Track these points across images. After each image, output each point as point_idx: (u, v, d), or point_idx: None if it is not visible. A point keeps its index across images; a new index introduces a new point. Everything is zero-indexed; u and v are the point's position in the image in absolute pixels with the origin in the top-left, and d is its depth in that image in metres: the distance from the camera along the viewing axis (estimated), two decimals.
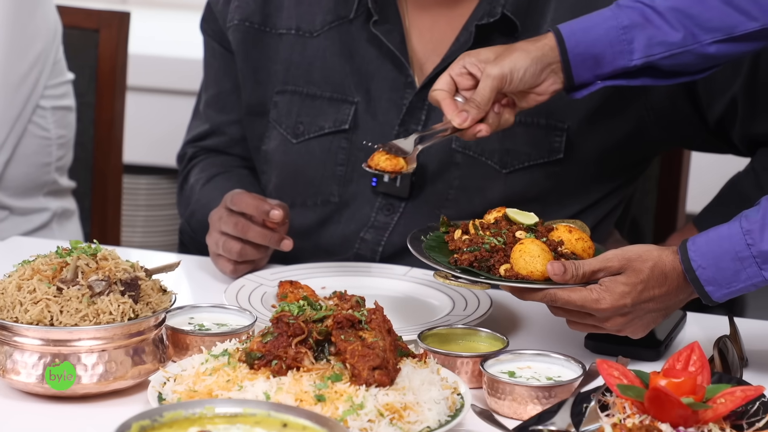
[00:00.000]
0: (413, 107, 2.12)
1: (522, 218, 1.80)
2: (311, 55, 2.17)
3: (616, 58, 1.85)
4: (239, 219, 2.01)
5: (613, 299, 1.68)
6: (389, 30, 2.12)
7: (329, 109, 2.16)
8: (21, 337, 1.63)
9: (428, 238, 1.84)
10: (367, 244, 2.13)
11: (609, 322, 1.70)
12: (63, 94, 2.51)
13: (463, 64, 1.87)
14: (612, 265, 1.69)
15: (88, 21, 2.67)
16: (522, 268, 1.71)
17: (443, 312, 1.91)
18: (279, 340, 1.58)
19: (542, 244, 1.73)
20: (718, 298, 1.68)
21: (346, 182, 2.15)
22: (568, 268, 1.69)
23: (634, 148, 2.07)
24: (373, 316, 1.60)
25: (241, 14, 2.21)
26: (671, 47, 1.83)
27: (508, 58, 1.85)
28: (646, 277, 1.68)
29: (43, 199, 2.52)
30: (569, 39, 1.85)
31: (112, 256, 1.69)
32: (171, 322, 1.77)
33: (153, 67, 3.53)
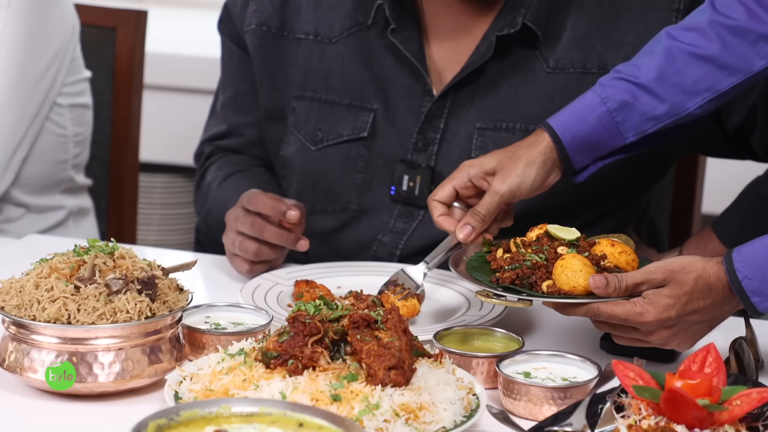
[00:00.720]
0: (432, 115, 2.12)
1: (563, 234, 1.80)
2: (330, 61, 2.17)
3: (612, 140, 1.88)
4: (256, 219, 2.01)
5: (657, 312, 1.66)
6: (407, 38, 2.11)
7: (348, 116, 2.16)
8: (38, 335, 1.64)
9: (471, 258, 1.84)
10: (385, 247, 2.13)
11: (654, 335, 1.69)
12: (80, 91, 2.51)
13: (468, 177, 1.88)
14: (655, 277, 1.68)
15: (105, 19, 2.68)
16: (564, 283, 1.71)
17: (459, 312, 1.91)
18: (295, 340, 1.58)
19: (584, 259, 1.72)
20: (764, 308, 1.66)
21: (365, 190, 2.15)
22: (611, 281, 1.68)
23: (653, 155, 2.07)
24: (389, 316, 1.61)
25: (259, 18, 2.21)
26: (662, 119, 1.87)
27: (514, 172, 1.86)
28: (690, 288, 1.67)
29: (60, 196, 2.53)
30: (564, 134, 1.87)
31: (130, 254, 1.69)
32: (187, 321, 1.78)
33: (170, 66, 3.54)
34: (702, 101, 1.85)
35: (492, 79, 2.10)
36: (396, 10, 2.11)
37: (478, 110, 2.10)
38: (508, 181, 1.85)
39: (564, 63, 2.08)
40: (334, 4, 2.18)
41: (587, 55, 2.08)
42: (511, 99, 2.09)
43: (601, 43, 2.08)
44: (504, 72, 2.09)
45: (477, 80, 2.10)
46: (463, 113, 2.10)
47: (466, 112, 2.10)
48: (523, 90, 2.09)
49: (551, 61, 2.08)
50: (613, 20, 2.08)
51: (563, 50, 2.08)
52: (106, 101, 2.67)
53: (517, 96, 2.09)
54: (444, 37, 2.14)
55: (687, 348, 1.73)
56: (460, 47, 2.13)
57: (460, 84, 2.10)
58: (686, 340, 1.71)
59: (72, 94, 2.49)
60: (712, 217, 3.13)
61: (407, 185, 2.12)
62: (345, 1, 2.18)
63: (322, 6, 2.19)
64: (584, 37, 2.08)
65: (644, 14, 2.08)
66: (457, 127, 2.11)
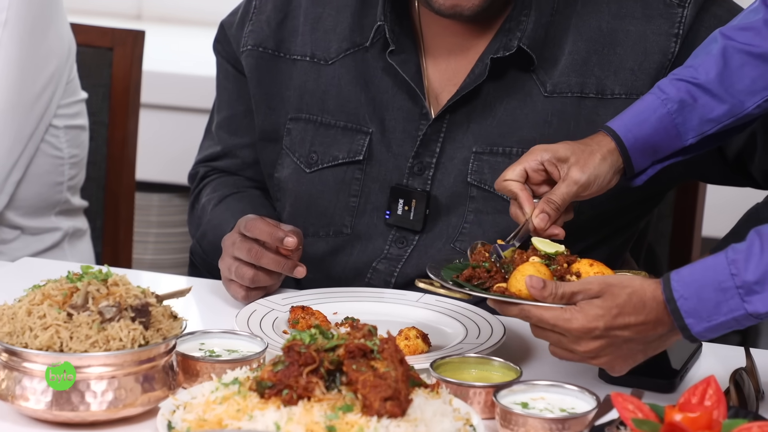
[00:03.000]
0: (428, 139, 2.10)
1: (545, 246, 1.79)
2: (326, 83, 2.16)
3: (672, 142, 1.86)
4: (252, 245, 1.99)
5: (585, 320, 1.65)
6: (405, 60, 2.10)
7: (343, 139, 2.14)
8: (30, 363, 1.62)
9: (454, 263, 1.83)
10: (380, 275, 2.11)
11: (580, 345, 1.67)
12: (76, 113, 2.50)
13: (541, 160, 1.85)
14: (591, 288, 1.67)
15: (102, 39, 2.66)
16: (512, 285, 1.71)
17: (456, 340, 1.89)
18: (290, 369, 1.56)
19: (542, 267, 1.72)
20: (697, 332, 1.63)
21: (360, 214, 2.13)
22: (548, 285, 1.67)
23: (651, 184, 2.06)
24: (386, 346, 1.59)
25: (255, 39, 2.20)
26: (721, 120, 1.85)
27: (592, 164, 1.84)
28: (623, 302, 1.65)
29: (55, 218, 2.51)
30: (626, 137, 1.85)
31: (123, 281, 1.68)
32: (181, 348, 1.76)
33: (167, 85, 3.53)
34: (761, 100, 1.83)
35: (488, 102, 2.08)
36: (395, 31, 2.10)
37: (474, 134, 2.09)
38: (587, 171, 1.83)
39: (562, 87, 2.07)
40: (330, 25, 2.17)
41: (585, 80, 2.06)
42: (507, 123, 2.08)
43: (600, 68, 2.06)
44: (500, 95, 2.08)
45: (473, 102, 2.08)
46: (459, 137, 2.09)
47: (463, 135, 2.09)
48: (520, 114, 2.07)
49: (548, 85, 2.07)
50: (612, 45, 2.07)
51: (561, 74, 2.07)
52: (103, 122, 2.66)
53: (514, 120, 2.08)
54: (441, 58, 2.12)
55: (618, 373, 1.71)
56: (457, 69, 2.12)
57: (456, 106, 2.09)
58: (616, 360, 1.69)
59: (68, 115, 2.47)
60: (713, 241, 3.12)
61: (402, 209, 2.11)
62: (342, 23, 2.16)
63: (318, 27, 2.18)
64: (582, 61, 2.07)
65: (643, 39, 2.06)
66: (454, 151, 2.09)
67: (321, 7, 2.18)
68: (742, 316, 1.62)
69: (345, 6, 2.16)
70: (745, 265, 1.61)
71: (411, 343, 1.86)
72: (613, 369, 1.70)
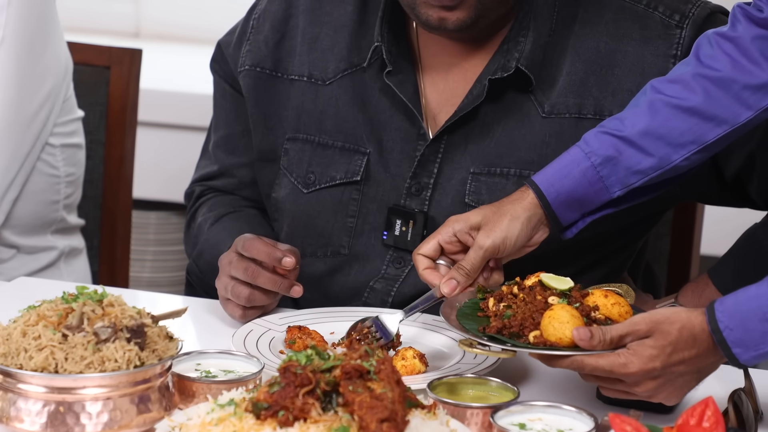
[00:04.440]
0: (425, 160, 2.09)
1: (556, 283, 1.78)
2: (323, 103, 2.15)
3: (598, 195, 1.87)
4: (249, 264, 1.98)
5: (641, 363, 1.65)
6: (402, 80, 2.09)
7: (341, 159, 2.13)
8: (25, 384, 1.61)
9: (463, 305, 1.82)
10: (377, 294, 2.11)
11: (640, 386, 1.67)
12: (73, 131, 2.49)
13: (453, 232, 1.86)
14: (639, 328, 1.66)
15: (99, 58, 2.66)
16: (551, 334, 1.69)
17: (453, 360, 1.88)
18: (286, 390, 1.55)
19: (573, 310, 1.71)
20: (746, 360, 1.65)
21: (357, 234, 2.12)
22: (595, 333, 1.66)
23: (648, 205, 2.06)
24: (382, 367, 1.58)
25: (253, 59, 2.19)
26: (647, 173, 1.85)
27: (498, 227, 1.85)
28: (675, 339, 1.65)
29: (51, 237, 2.50)
30: (548, 191, 1.86)
31: (119, 302, 1.67)
32: (177, 368, 1.75)
33: (164, 103, 3.52)
34: (688, 153, 1.84)
35: (486, 123, 2.08)
36: (393, 52, 2.09)
37: (472, 155, 2.08)
38: (492, 235, 1.84)
39: (560, 108, 2.06)
40: (328, 45, 2.16)
41: (583, 101, 2.06)
42: (505, 144, 2.07)
43: (598, 89, 2.06)
44: (498, 116, 2.07)
45: (471, 123, 2.08)
46: (457, 158, 2.08)
47: (460, 156, 2.08)
48: (517, 135, 2.07)
49: (546, 106, 2.06)
50: (610, 66, 2.06)
51: (559, 95, 2.06)
52: (100, 140, 2.66)
53: (512, 141, 2.07)
54: (439, 79, 2.12)
55: (675, 402, 1.71)
56: (455, 89, 2.11)
57: (454, 127, 2.08)
58: (673, 393, 1.70)
59: (64, 134, 2.47)
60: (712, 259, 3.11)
61: (400, 230, 2.10)
62: (339, 43, 2.15)
63: (316, 47, 2.17)
64: (580, 82, 2.06)
65: (641, 60, 2.05)
66: (451, 172, 2.08)
67: (318, 27, 2.17)
68: None
69: (342, 26, 2.15)
70: None
71: (408, 363, 1.85)
72: (669, 401, 1.71)
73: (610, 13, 2.08)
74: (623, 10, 2.08)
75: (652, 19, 2.07)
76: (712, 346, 1.66)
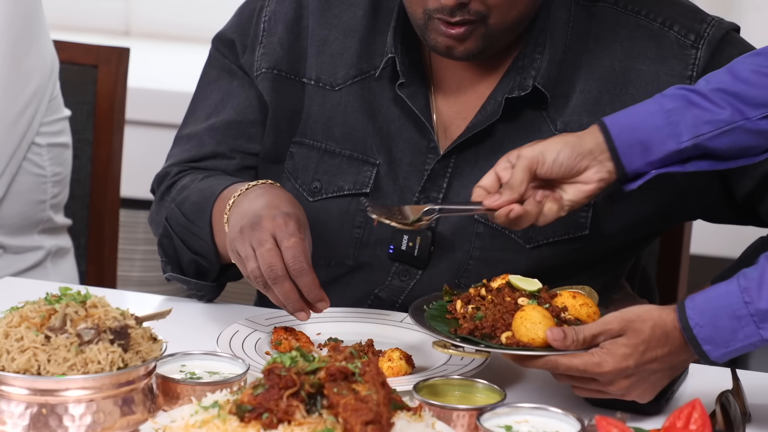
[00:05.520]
0: (435, 174, 2.05)
1: (525, 285, 1.79)
2: (330, 109, 2.10)
3: (665, 142, 1.79)
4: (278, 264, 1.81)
5: (615, 362, 1.66)
6: (414, 93, 2.04)
7: (349, 169, 2.09)
8: (7, 387, 1.60)
9: (431, 307, 1.82)
10: (381, 303, 2.07)
11: (613, 385, 1.68)
12: (59, 131, 2.48)
13: (507, 159, 1.84)
14: (612, 327, 1.67)
15: (86, 57, 2.65)
16: (523, 335, 1.70)
17: (440, 361, 1.87)
18: (270, 393, 1.54)
19: (544, 311, 1.72)
20: (716, 357, 1.66)
21: (363, 245, 2.07)
22: (568, 333, 1.67)
23: (659, 221, 2.04)
24: (367, 369, 1.57)
25: (269, 62, 2.12)
26: (719, 125, 1.78)
27: (541, 143, 1.83)
28: (648, 337, 1.66)
29: (38, 237, 2.49)
30: (613, 127, 1.80)
31: (102, 303, 1.66)
32: (162, 369, 1.74)
33: (154, 101, 3.51)
34: (763, 114, 1.78)
35: (498, 140, 2.04)
36: (405, 63, 2.05)
37: (482, 170, 2.02)
38: (533, 147, 1.81)
39: (573, 126, 2.02)
40: (337, 50, 2.11)
41: (596, 119, 2.00)
42: None
43: (611, 108, 2.00)
44: (511, 133, 2.03)
45: (483, 139, 2.04)
46: (467, 173, 2.05)
47: (470, 171, 2.04)
48: None
49: (559, 123, 2.02)
50: (624, 84, 2.02)
51: (572, 113, 2.02)
52: (87, 139, 2.64)
53: None
54: (450, 92, 2.07)
55: (648, 399, 1.72)
56: (466, 104, 2.07)
57: (465, 142, 2.04)
58: (646, 390, 1.70)
59: (51, 133, 2.45)
60: (701, 259, 3.10)
61: (406, 245, 2.06)
62: (349, 48, 2.10)
63: (324, 50, 2.11)
64: (594, 100, 2.02)
65: (656, 80, 2.01)
66: (461, 187, 2.04)
67: (327, 30, 2.11)
68: (759, 341, 1.65)
69: (352, 30, 2.10)
70: (758, 293, 1.63)
71: (394, 364, 1.84)
72: (642, 398, 1.71)
73: (625, 30, 2.04)
74: (638, 27, 2.04)
75: (668, 39, 2.03)
76: (684, 344, 1.67)
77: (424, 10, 1.95)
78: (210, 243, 2.03)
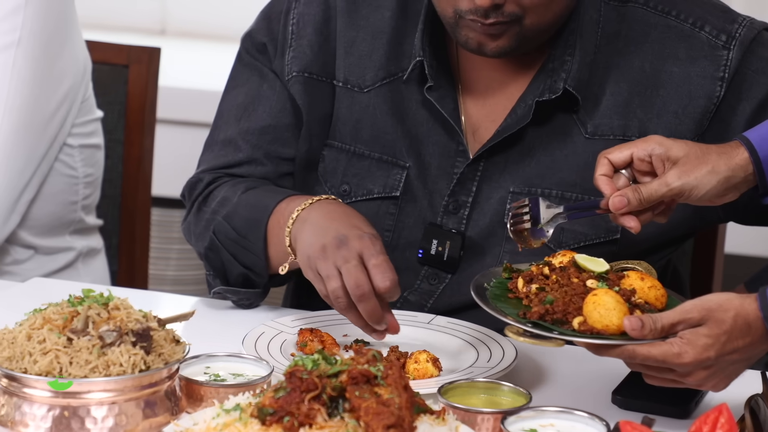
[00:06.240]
0: (464, 178, 2.03)
1: (592, 265, 1.73)
2: (359, 111, 2.08)
3: None
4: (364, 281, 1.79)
5: (696, 353, 1.60)
6: (442, 96, 2.02)
7: (378, 172, 2.07)
8: (30, 389, 1.60)
9: (491, 285, 1.77)
10: (411, 306, 2.05)
11: (691, 376, 1.63)
12: (91, 132, 2.48)
13: (650, 152, 1.76)
14: (692, 316, 1.61)
15: (118, 57, 2.65)
16: (596, 321, 1.64)
17: (467, 363, 1.86)
18: (292, 396, 1.53)
19: (616, 296, 1.66)
20: None
21: (392, 249, 2.05)
22: (646, 322, 1.61)
23: (691, 224, 2.01)
24: (390, 372, 1.56)
25: (300, 65, 2.10)
26: None
27: (694, 174, 1.75)
28: (729, 327, 1.61)
29: (69, 237, 2.49)
30: (760, 147, 1.75)
31: (125, 305, 1.65)
32: (186, 371, 1.73)
33: (188, 99, 3.51)
34: None
35: (528, 143, 2.02)
36: (434, 66, 2.03)
37: (512, 174, 2.02)
38: (684, 179, 1.74)
39: (603, 129, 2.00)
40: (366, 51, 2.09)
41: (627, 122, 1.99)
42: (546, 164, 2.01)
43: (642, 110, 1.99)
44: (541, 136, 2.01)
45: (513, 142, 2.02)
46: (496, 176, 2.03)
47: (500, 175, 2.02)
48: (560, 155, 2.01)
49: (590, 127, 2.00)
50: (655, 86, 1.99)
51: (602, 116, 2.00)
52: (118, 139, 2.65)
53: (554, 161, 2.01)
54: (479, 95, 2.05)
55: (722, 389, 1.67)
56: (495, 106, 2.04)
57: (494, 147, 2.02)
58: (722, 381, 1.66)
59: (82, 134, 2.45)
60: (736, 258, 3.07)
61: (436, 249, 2.04)
62: (378, 50, 2.08)
63: (352, 52, 2.09)
64: (624, 103, 2.00)
65: (687, 82, 1.99)
66: (491, 191, 2.03)
67: (354, 31, 2.09)
68: None
69: (380, 32, 2.08)
70: None
71: (421, 366, 1.82)
72: (717, 388, 1.67)
73: (655, 31, 2.01)
74: (669, 28, 2.01)
75: (699, 39, 2.00)
76: (765, 334, 1.62)
77: (455, 11, 1.93)
78: (262, 258, 2.00)
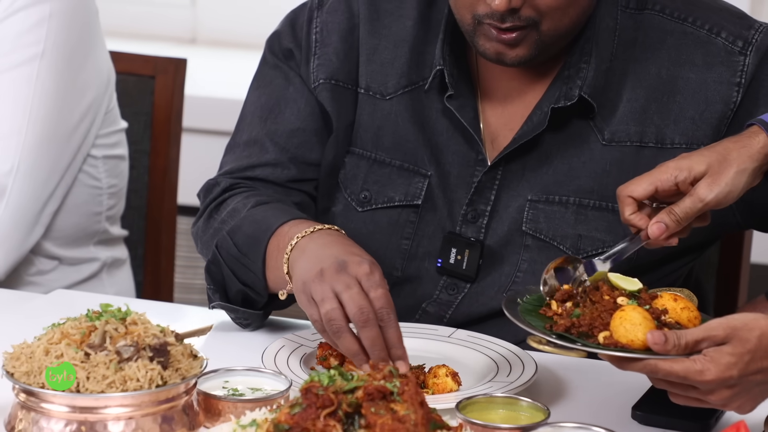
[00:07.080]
0: (482, 186, 2.03)
1: (625, 284, 1.73)
2: (381, 118, 2.08)
3: None
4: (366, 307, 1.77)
5: (718, 371, 1.59)
6: (462, 105, 2.02)
7: (399, 180, 2.07)
8: (48, 404, 1.60)
9: (525, 301, 1.77)
10: (429, 317, 2.05)
11: (714, 395, 1.61)
12: (115, 143, 2.49)
13: (675, 180, 1.75)
14: (716, 334, 1.60)
15: (144, 67, 2.66)
16: (622, 336, 1.63)
17: (486, 377, 1.85)
18: (307, 412, 1.53)
19: (644, 312, 1.65)
20: None
21: (411, 257, 2.06)
22: (670, 337, 1.60)
23: (710, 232, 2.00)
24: (406, 388, 1.55)
25: (326, 73, 2.10)
26: None
27: (723, 180, 1.74)
28: (754, 347, 1.59)
29: (93, 248, 2.50)
30: None
31: (142, 320, 1.66)
32: (204, 386, 1.73)
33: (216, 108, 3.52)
34: None
35: (544, 150, 2.02)
36: (454, 75, 2.03)
37: (529, 182, 2.02)
38: (716, 189, 1.74)
39: (620, 136, 1.99)
40: (388, 59, 2.09)
41: (644, 129, 1.99)
42: (564, 171, 2.01)
43: (659, 117, 1.99)
44: (557, 143, 2.01)
45: (530, 150, 2.02)
46: (514, 184, 2.03)
47: (518, 183, 2.02)
48: (577, 162, 2.01)
49: (607, 133, 2.00)
50: (672, 92, 1.99)
51: (619, 122, 1.99)
52: (144, 150, 2.65)
53: (571, 168, 2.01)
54: (498, 103, 2.05)
55: (748, 411, 1.65)
56: (513, 114, 2.04)
57: (512, 154, 2.01)
58: (748, 402, 1.63)
59: (107, 145, 2.46)
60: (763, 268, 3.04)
61: (455, 258, 2.04)
62: (400, 58, 2.08)
63: (374, 59, 2.09)
64: (641, 109, 1.99)
65: (704, 87, 1.98)
66: (509, 199, 2.03)
67: (377, 39, 2.10)
68: None
69: (402, 40, 2.08)
70: None
71: (440, 381, 1.82)
72: (742, 410, 1.65)
73: (671, 38, 2.01)
74: (685, 35, 2.01)
75: (715, 45, 1.99)
76: None
77: (473, 16, 1.93)
78: (261, 278, 1.98)
